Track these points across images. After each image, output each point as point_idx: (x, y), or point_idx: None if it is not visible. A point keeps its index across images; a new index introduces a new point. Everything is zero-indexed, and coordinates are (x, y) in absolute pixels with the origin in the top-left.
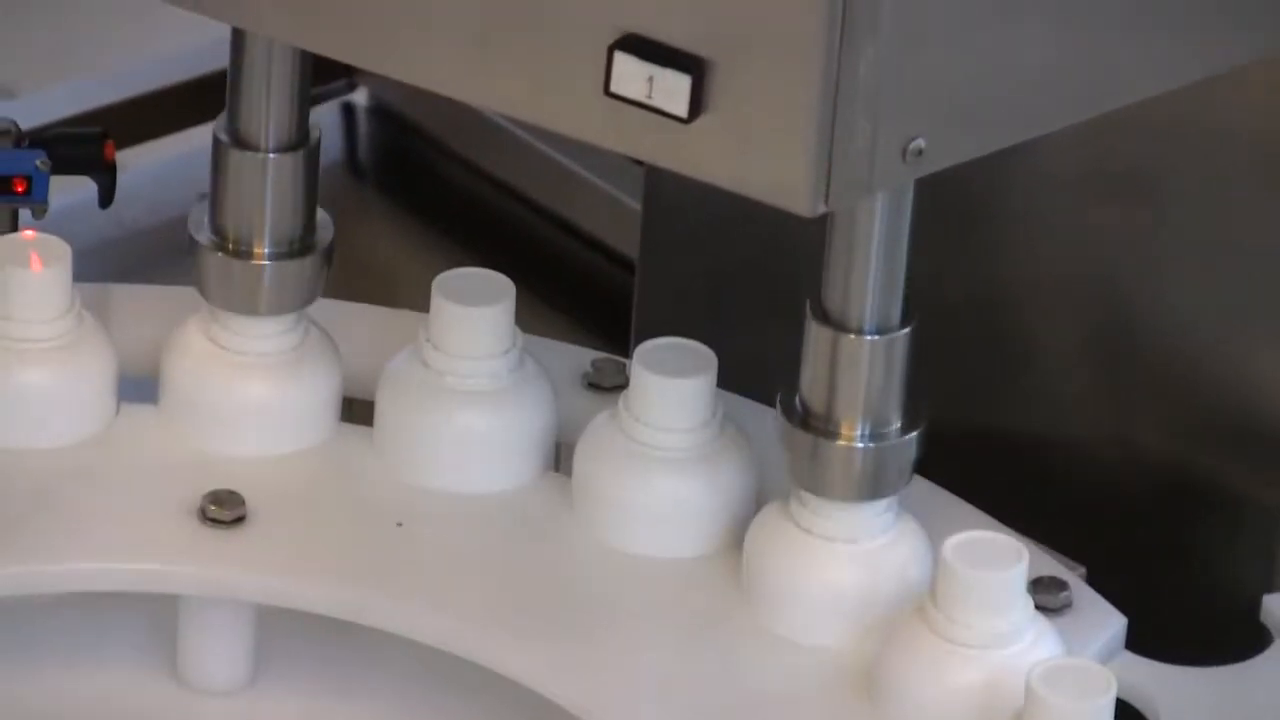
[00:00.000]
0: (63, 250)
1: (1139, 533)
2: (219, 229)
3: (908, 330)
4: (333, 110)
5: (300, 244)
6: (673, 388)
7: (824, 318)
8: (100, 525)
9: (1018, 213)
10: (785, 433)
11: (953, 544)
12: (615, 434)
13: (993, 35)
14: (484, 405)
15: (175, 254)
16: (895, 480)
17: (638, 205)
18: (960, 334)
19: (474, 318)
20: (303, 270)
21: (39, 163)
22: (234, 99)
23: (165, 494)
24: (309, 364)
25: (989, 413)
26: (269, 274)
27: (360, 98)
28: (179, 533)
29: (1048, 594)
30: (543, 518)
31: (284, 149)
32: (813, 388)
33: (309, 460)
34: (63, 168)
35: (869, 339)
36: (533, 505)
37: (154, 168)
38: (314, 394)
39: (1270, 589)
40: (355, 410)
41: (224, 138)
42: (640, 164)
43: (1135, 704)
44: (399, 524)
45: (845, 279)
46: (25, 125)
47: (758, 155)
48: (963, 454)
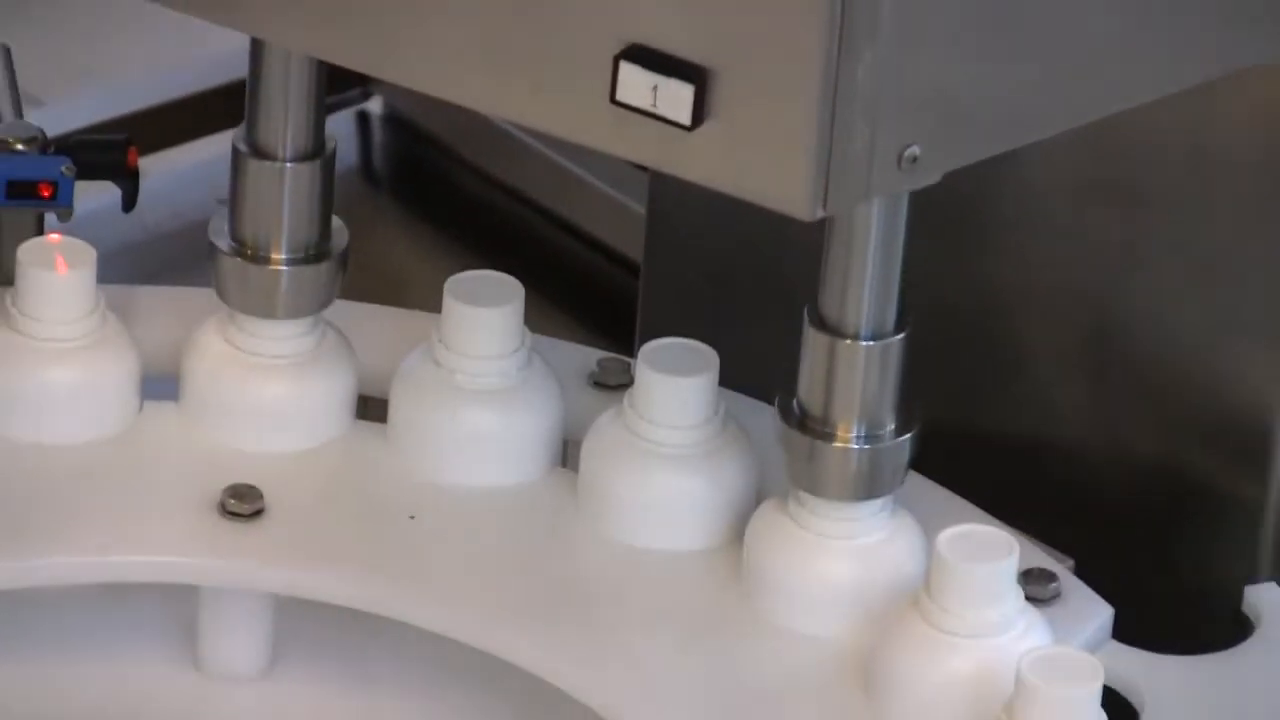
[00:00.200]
0: (87, 253)
1: (1126, 528)
2: (238, 235)
3: (902, 335)
4: (348, 118)
5: (316, 250)
6: (676, 386)
7: (821, 324)
8: (124, 519)
9: (1010, 219)
10: (783, 434)
11: (946, 537)
12: (620, 431)
13: (988, 42)
14: (494, 403)
15: (196, 257)
16: (890, 480)
17: (642, 209)
18: (954, 338)
19: (484, 318)
20: (318, 275)
21: (64, 168)
22: (253, 109)
23: (186, 488)
24: (325, 364)
25: (982, 415)
26: (286, 279)
27: (375, 106)
28: (200, 526)
29: (1038, 585)
30: (550, 512)
31: (301, 158)
32: (810, 391)
33: (325, 456)
34: (87, 173)
35: (864, 344)
36: (541, 500)
37: (175, 173)
38: (330, 393)
39: (1252, 580)
40: (370, 407)
41: (243, 148)
42: (644, 169)
43: (1122, 691)
44: (411, 517)
45: (842, 286)
46: (51, 132)
47: (758, 161)
48: (956, 455)
